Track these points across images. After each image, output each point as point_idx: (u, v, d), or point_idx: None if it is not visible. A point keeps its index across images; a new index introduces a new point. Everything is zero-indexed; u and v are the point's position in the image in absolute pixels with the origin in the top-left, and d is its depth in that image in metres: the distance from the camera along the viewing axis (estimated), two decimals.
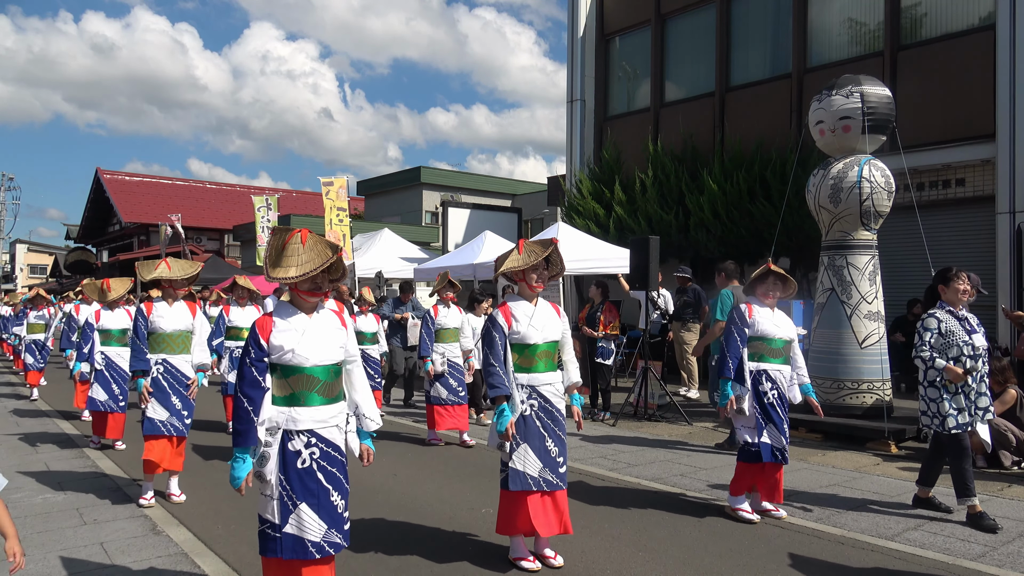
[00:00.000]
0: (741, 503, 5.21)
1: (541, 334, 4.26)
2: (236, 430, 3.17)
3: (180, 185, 39.82)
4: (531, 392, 4.22)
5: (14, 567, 2.84)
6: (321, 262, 3.19)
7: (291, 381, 3.25)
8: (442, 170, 29.67)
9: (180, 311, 5.77)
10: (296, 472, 3.22)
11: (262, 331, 3.26)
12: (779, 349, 5.24)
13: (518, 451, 4.14)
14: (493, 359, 4.17)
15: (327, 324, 3.37)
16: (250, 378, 3.20)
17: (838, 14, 13.46)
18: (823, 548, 4.60)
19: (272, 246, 3.28)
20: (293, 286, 3.28)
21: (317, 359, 3.26)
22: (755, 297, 5.36)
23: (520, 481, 4.12)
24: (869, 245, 8.01)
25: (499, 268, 4.29)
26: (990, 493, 5.87)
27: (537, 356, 4.25)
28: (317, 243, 3.27)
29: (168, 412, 5.61)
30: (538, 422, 4.21)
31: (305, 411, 3.26)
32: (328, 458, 3.30)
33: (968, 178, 11.63)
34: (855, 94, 7.93)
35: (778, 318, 5.30)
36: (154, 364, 5.65)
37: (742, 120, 14.11)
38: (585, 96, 17.10)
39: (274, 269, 3.24)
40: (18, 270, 55.80)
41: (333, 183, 14.99)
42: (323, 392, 3.30)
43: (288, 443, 3.23)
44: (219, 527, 5.06)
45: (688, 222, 13.19)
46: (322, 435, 3.29)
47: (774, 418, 5.11)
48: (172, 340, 5.71)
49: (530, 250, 4.27)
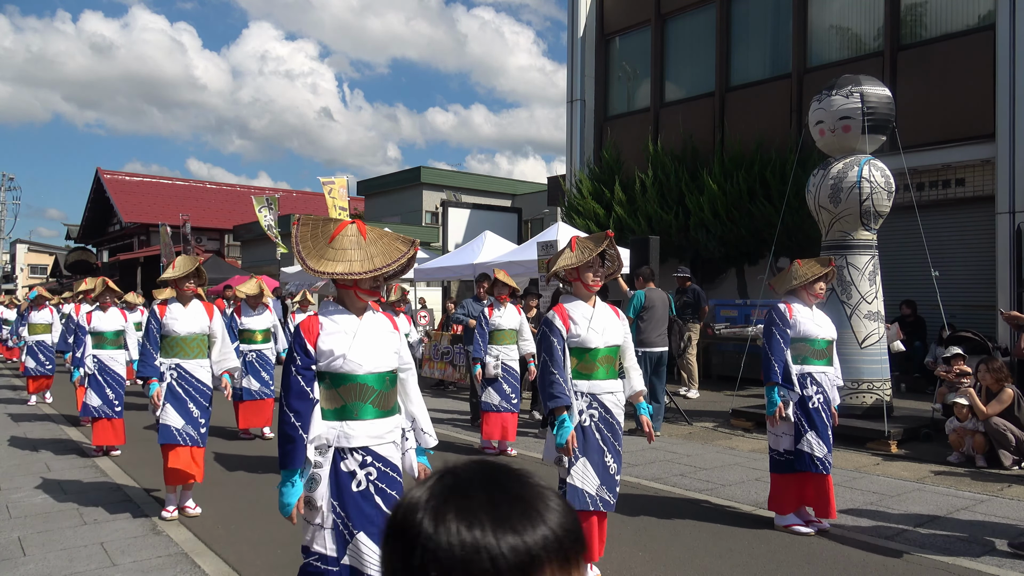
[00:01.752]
0: (790, 520, 4.84)
1: (602, 337, 3.93)
2: (283, 449, 2.82)
3: (180, 185, 39.78)
4: (591, 401, 3.88)
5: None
6: (395, 257, 2.85)
7: (342, 391, 2.88)
8: (442, 170, 29.67)
9: (195, 313, 5.43)
10: (351, 496, 2.83)
11: (308, 334, 2.89)
12: (823, 350, 4.98)
13: (576, 466, 3.81)
14: (553, 366, 3.83)
15: (379, 327, 3.03)
16: (297, 389, 2.84)
17: (838, 14, 13.45)
18: (823, 548, 4.59)
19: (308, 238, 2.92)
20: (352, 284, 2.91)
21: (371, 366, 2.90)
22: (795, 296, 5.06)
23: (578, 500, 3.76)
24: (869, 245, 8.01)
25: (551, 268, 4.00)
26: (990, 493, 5.87)
27: (598, 362, 3.92)
28: (382, 236, 2.93)
29: (184, 420, 5.26)
30: (597, 434, 3.86)
31: (359, 425, 2.88)
32: (386, 479, 2.91)
33: (968, 178, 11.63)
34: (855, 94, 7.93)
35: (819, 317, 5.03)
36: (167, 369, 5.31)
37: (742, 120, 14.11)
38: (585, 96, 17.10)
39: (323, 263, 2.84)
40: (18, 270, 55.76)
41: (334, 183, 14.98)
42: (378, 403, 2.93)
43: (341, 462, 2.85)
44: (219, 527, 5.06)
45: (688, 222, 13.19)
46: (378, 452, 2.91)
47: (818, 424, 4.79)
48: (186, 344, 5.36)
49: (584, 246, 3.96)
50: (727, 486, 6.14)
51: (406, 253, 2.87)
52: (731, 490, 6.02)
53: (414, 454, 3.07)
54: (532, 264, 10.86)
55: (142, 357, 5.35)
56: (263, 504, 5.62)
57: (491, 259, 12.78)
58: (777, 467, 4.91)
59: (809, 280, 4.95)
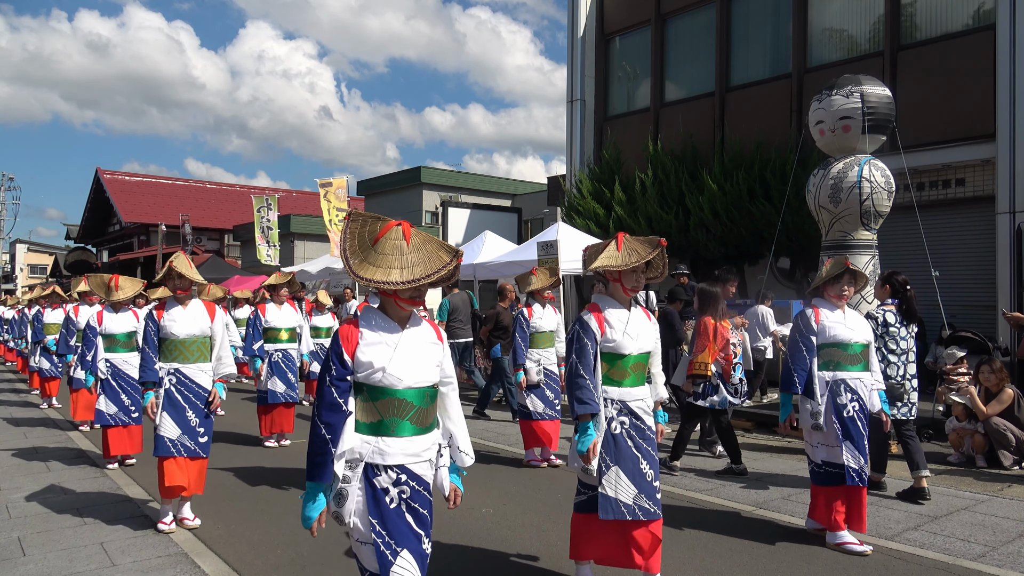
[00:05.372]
0: (844, 537, 4.55)
1: (636, 344, 3.76)
2: (311, 462, 2.68)
3: (180, 185, 39.80)
4: (621, 408, 3.73)
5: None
6: (435, 268, 2.65)
7: (379, 406, 2.73)
8: (442, 170, 29.66)
9: (195, 315, 5.14)
10: (389, 513, 2.72)
11: (346, 344, 2.73)
12: (857, 355, 4.71)
13: (608, 475, 3.65)
14: (583, 369, 3.67)
15: (422, 338, 2.84)
16: (330, 400, 2.68)
17: (838, 14, 13.45)
18: (823, 548, 4.59)
19: (355, 236, 2.73)
20: (392, 292, 2.72)
21: (411, 380, 2.74)
22: (822, 299, 4.85)
23: (612, 509, 3.60)
24: (869, 245, 8.01)
25: (591, 263, 3.77)
26: (990, 493, 5.87)
27: (630, 368, 3.76)
28: (426, 243, 2.73)
29: (180, 430, 4.95)
30: (630, 442, 3.71)
31: (395, 442, 2.73)
32: (419, 498, 2.79)
33: (968, 178, 11.62)
34: (855, 94, 7.93)
35: (851, 319, 4.77)
36: (166, 375, 5.02)
37: (742, 120, 14.11)
38: (585, 96, 17.09)
39: (364, 267, 2.67)
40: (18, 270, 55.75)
41: (332, 184, 14.99)
42: (416, 420, 2.77)
43: (374, 479, 2.72)
44: (219, 527, 5.06)
45: (688, 222, 13.18)
46: (413, 471, 2.77)
47: (853, 434, 4.55)
48: (186, 347, 5.07)
49: (631, 249, 3.72)
50: (727, 486, 6.14)
51: (447, 264, 2.67)
52: (731, 490, 6.02)
53: (447, 472, 2.92)
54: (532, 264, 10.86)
55: (141, 362, 5.09)
56: (263, 505, 5.62)
57: (491, 259, 12.79)
58: (817, 479, 4.70)
59: (826, 279, 4.77)
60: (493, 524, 5.15)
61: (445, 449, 2.93)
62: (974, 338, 8.45)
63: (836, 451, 4.58)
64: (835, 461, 4.58)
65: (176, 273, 5.05)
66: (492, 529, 5.04)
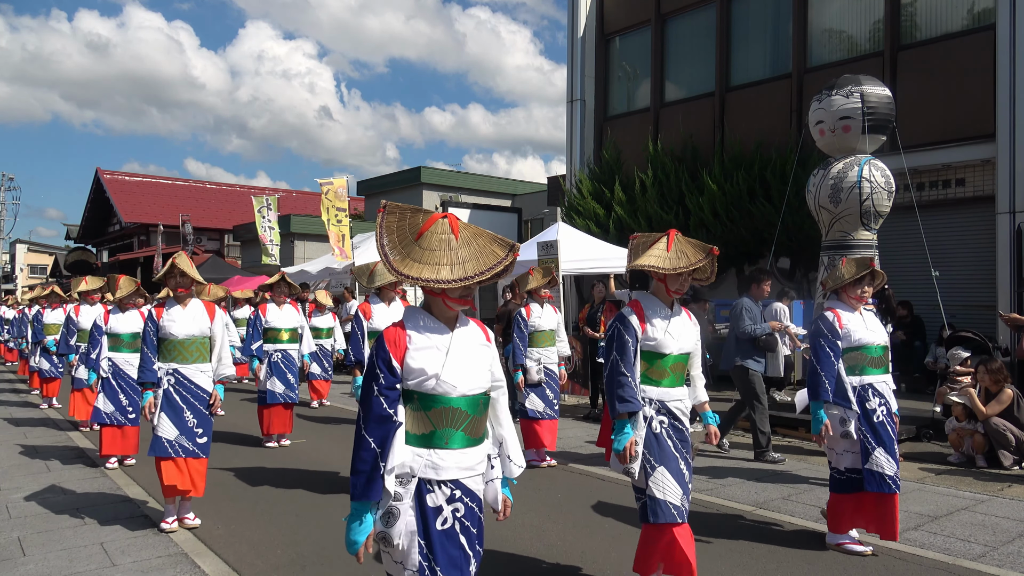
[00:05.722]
0: (844, 539, 4.55)
1: (677, 343, 3.67)
2: (357, 479, 2.43)
3: (180, 185, 39.78)
4: (660, 407, 3.65)
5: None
6: (489, 264, 2.43)
7: (432, 415, 2.50)
8: (442, 170, 29.64)
9: (195, 315, 5.11)
10: (437, 535, 2.48)
11: (394, 348, 2.50)
12: (880, 357, 4.58)
13: (654, 476, 3.55)
14: (624, 367, 3.56)
15: (473, 340, 2.62)
16: (378, 412, 2.45)
17: (838, 14, 13.46)
18: (823, 548, 4.59)
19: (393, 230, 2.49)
20: (440, 291, 2.50)
21: (465, 387, 2.53)
22: (838, 301, 4.69)
23: (664, 512, 3.51)
24: (869, 245, 8.01)
25: (636, 258, 3.66)
26: (990, 493, 5.88)
27: (669, 368, 3.68)
28: (476, 236, 2.50)
29: (178, 431, 4.94)
30: (670, 442, 3.62)
31: (449, 455, 2.51)
32: (471, 516, 2.57)
33: (968, 178, 11.62)
34: (855, 94, 7.93)
35: (871, 322, 4.63)
36: (164, 375, 5.00)
37: (742, 120, 14.11)
38: (585, 96, 17.10)
39: (408, 263, 2.43)
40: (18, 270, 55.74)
41: (332, 183, 14.98)
42: (470, 430, 2.56)
43: (426, 496, 2.49)
44: (219, 527, 5.06)
45: (688, 222, 13.18)
46: (467, 486, 2.56)
47: (884, 439, 4.41)
48: (185, 347, 5.04)
49: (681, 251, 3.61)
50: (727, 486, 6.14)
51: (503, 260, 2.42)
52: (731, 490, 6.02)
53: (499, 485, 2.71)
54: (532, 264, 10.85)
55: (141, 362, 5.07)
56: (263, 505, 5.62)
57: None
58: (838, 486, 4.55)
59: (848, 281, 4.58)
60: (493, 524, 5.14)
61: (496, 459, 2.72)
62: (974, 338, 8.45)
63: (860, 458, 4.45)
64: (868, 469, 4.41)
65: (178, 271, 5.04)
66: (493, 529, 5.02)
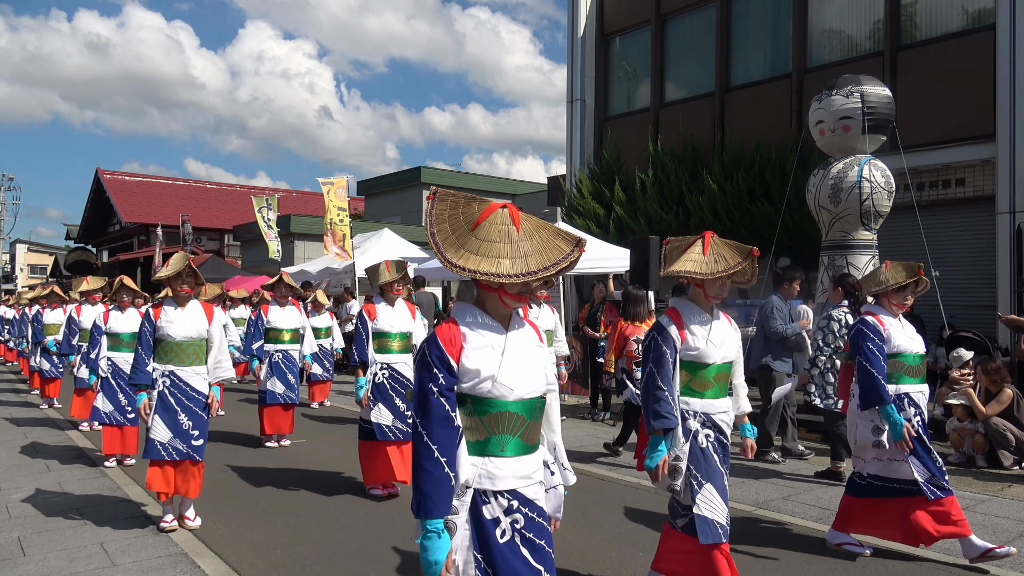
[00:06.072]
0: (845, 539, 4.51)
1: (720, 352, 3.47)
2: (423, 492, 2.22)
3: (180, 185, 39.78)
4: (705, 420, 3.45)
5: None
6: (554, 260, 2.23)
7: (487, 420, 2.33)
8: (442, 170, 29.68)
9: (193, 316, 5.02)
10: (498, 548, 2.31)
11: (450, 347, 2.31)
12: (918, 367, 4.46)
13: (702, 493, 3.33)
14: (662, 379, 3.36)
15: (527, 340, 2.45)
16: (441, 414, 2.26)
17: (838, 14, 13.46)
18: (823, 548, 4.59)
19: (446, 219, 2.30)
20: (498, 286, 2.32)
21: (522, 390, 2.35)
22: (880, 307, 4.54)
23: (710, 532, 3.30)
24: (869, 245, 8.02)
25: (670, 263, 3.48)
26: (990, 493, 5.87)
27: (713, 379, 3.47)
28: (540, 229, 2.30)
29: (172, 433, 4.87)
30: (716, 457, 3.43)
31: (505, 463, 2.34)
32: (533, 526, 2.37)
33: (968, 178, 11.62)
34: (855, 94, 7.94)
35: (909, 329, 4.49)
36: (160, 377, 4.94)
37: (742, 120, 14.11)
38: (585, 96, 17.10)
39: (464, 255, 2.24)
40: (18, 270, 55.76)
41: (333, 183, 14.98)
42: (526, 436, 2.38)
43: (482, 507, 2.32)
44: (219, 527, 5.06)
45: (688, 222, 13.19)
46: (526, 496, 2.38)
47: (920, 449, 4.26)
48: (182, 349, 4.97)
49: (718, 255, 3.43)
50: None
51: (568, 255, 2.23)
52: (731, 490, 6.00)
53: (560, 493, 2.57)
54: None
55: (134, 363, 4.97)
56: (263, 505, 5.62)
57: None
58: (856, 490, 4.47)
59: (892, 287, 4.42)
60: None
61: (554, 465, 2.56)
62: (974, 338, 8.45)
63: (893, 466, 4.33)
64: (887, 476, 4.34)
65: (187, 271, 4.98)
66: None
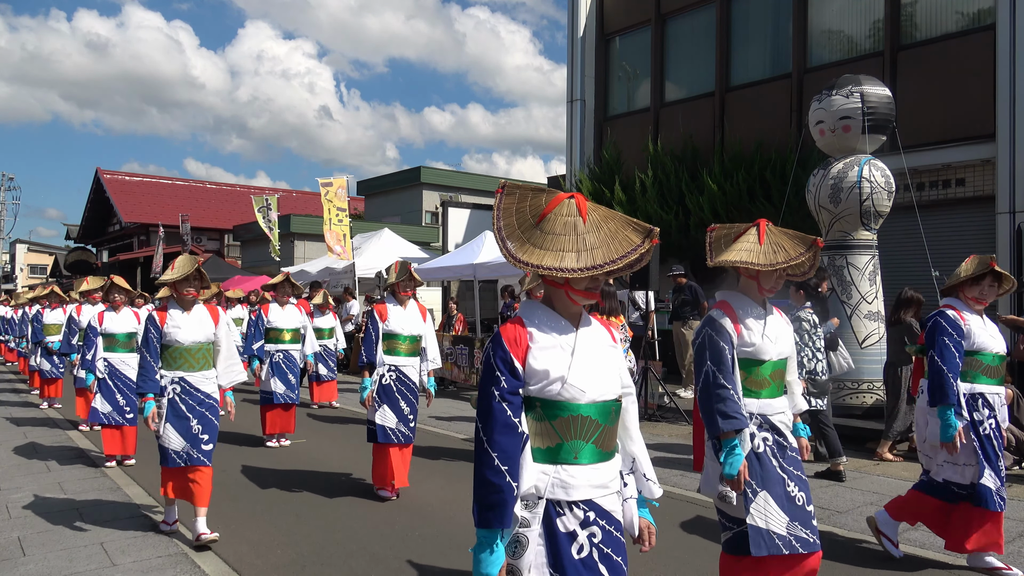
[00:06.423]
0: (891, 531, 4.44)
1: (776, 348, 3.22)
2: (484, 502, 2.09)
3: (180, 185, 39.80)
4: (762, 422, 3.18)
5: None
6: (622, 252, 2.09)
7: (558, 425, 2.17)
8: (442, 170, 29.68)
9: (199, 320, 4.87)
10: (573, 566, 2.15)
11: (515, 347, 2.16)
12: (997, 367, 4.27)
13: (755, 502, 3.08)
14: (724, 377, 3.07)
15: (599, 340, 2.29)
16: (503, 420, 2.10)
17: (838, 14, 13.45)
18: (824, 548, 4.58)
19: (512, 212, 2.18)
20: (564, 281, 2.17)
21: (595, 393, 2.19)
22: (958, 300, 4.35)
23: (765, 543, 3.04)
24: (869, 245, 8.02)
25: (720, 253, 3.24)
26: None
27: (769, 376, 3.23)
28: (608, 219, 2.16)
29: (184, 440, 4.74)
30: (775, 462, 3.16)
31: (579, 471, 2.18)
32: (611, 541, 2.22)
33: (968, 178, 11.62)
34: (855, 94, 7.94)
35: (991, 327, 4.30)
36: (170, 383, 4.78)
37: (742, 120, 14.11)
38: (585, 96, 17.10)
39: (528, 250, 2.12)
40: (18, 270, 55.76)
41: (332, 183, 15.00)
42: (601, 443, 2.22)
43: (556, 520, 2.17)
44: (219, 527, 5.06)
45: (688, 222, 13.19)
46: (602, 507, 2.22)
47: (991, 454, 4.10)
48: (191, 355, 4.81)
49: (776, 244, 3.16)
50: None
51: (638, 247, 2.08)
52: None
53: (635, 506, 2.38)
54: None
55: (141, 370, 4.79)
56: (263, 505, 5.62)
57: (491, 259, 12.79)
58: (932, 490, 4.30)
59: (964, 279, 4.27)
60: None
61: (629, 476, 2.38)
62: None
63: (967, 471, 4.16)
64: (962, 482, 4.18)
65: (194, 273, 4.84)
66: None
